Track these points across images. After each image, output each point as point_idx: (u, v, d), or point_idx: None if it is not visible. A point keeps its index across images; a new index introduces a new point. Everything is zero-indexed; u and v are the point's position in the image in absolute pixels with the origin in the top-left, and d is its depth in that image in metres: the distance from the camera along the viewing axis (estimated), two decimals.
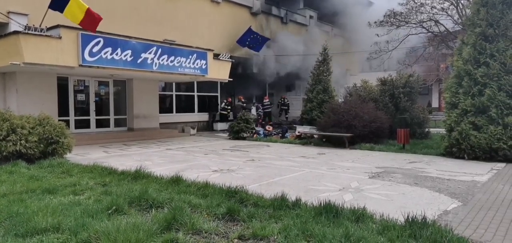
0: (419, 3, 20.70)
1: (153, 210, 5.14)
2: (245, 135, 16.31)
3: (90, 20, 11.19)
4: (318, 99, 18.27)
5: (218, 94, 22.22)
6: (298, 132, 15.88)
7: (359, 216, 4.72)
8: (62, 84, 14.70)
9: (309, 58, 21.83)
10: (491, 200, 5.97)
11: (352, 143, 13.12)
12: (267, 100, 23.94)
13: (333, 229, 4.25)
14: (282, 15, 25.63)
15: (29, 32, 10.77)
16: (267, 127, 18.63)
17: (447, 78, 11.65)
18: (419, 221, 4.36)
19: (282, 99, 24.80)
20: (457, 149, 10.24)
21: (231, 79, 17.31)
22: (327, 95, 18.31)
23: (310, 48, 22.59)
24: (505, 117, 9.55)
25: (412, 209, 5.18)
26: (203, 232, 4.35)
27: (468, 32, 10.54)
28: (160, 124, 18.28)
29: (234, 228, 4.55)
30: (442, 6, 20.16)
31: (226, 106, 21.39)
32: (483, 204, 5.73)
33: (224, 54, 16.72)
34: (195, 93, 21.10)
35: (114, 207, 5.01)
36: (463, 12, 19.23)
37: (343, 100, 17.60)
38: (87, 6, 11.09)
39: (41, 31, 10.99)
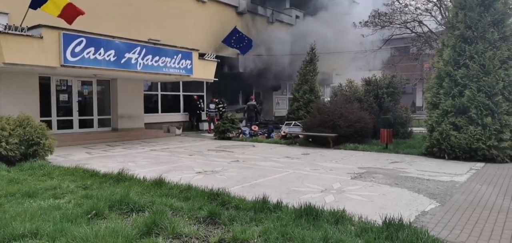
0: (403, 4, 21.01)
1: (134, 214, 5.12)
2: (230, 135, 16.31)
3: (69, 13, 11.25)
4: (305, 99, 18.39)
5: (204, 93, 22.14)
6: (284, 132, 15.94)
7: (339, 218, 4.78)
8: (44, 84, 14.48)
9: (296, 58, 21.92)
10: (468, 201, 6.11)
11: (336, 142, 13.24)
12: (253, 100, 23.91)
13: (313, 232, 4.31)
14: (268, 15, 25.68)
15: (10, 32, 10.56)
16: (253, 127, 18.66)
17: (429, 79, 11.86)
18: (396, 223, 4.44)
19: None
20: (438, 149, 10.44)
21: (217, 79, 17.28)
22: (313, 95, 18.44)
23: (297, 48, 22.67)
24: (484, 118, 9.75)
25: (391, 210, 5.29)
26: (183, 236, 4.35)
27: (448, 34, 10.74)
28: (145, 123, 18.14)
29: (215, 231, 4.57)
30: (426, 7, 20.49)
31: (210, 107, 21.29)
32: (460, 205, 5.86)
33: (210, 54, 16.67)
34: (181, 93, 20.97)
35: (94, 211, 4.96)
36: (446, 13, 19.56)
37: (329, 100, 17.74)
38: (68, 1, 11.10)
39: (22, 31, 10.79)
